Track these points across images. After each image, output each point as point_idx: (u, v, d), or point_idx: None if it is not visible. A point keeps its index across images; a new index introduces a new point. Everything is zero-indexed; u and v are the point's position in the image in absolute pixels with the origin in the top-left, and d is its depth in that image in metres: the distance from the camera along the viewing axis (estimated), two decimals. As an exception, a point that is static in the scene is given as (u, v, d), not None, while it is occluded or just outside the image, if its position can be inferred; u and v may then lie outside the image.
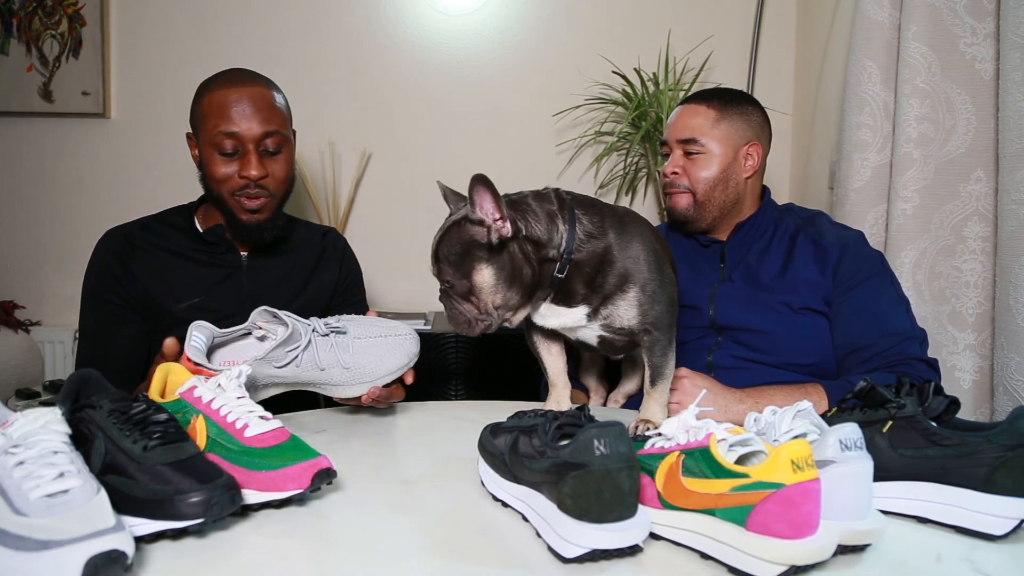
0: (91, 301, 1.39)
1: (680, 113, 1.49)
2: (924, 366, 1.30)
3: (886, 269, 1.42)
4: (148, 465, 0.72)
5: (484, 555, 0.72)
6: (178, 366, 0.94)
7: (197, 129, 1.38)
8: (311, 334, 1.09)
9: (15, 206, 2.45)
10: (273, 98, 1.38)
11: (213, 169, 1.35)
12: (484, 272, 1.05)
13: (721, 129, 1.44)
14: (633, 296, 1.10)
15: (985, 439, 0.78)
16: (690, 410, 0.76)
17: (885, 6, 1.74)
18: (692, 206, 1.46)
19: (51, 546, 0.59)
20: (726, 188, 1.45)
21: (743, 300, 1.41)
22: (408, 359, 1.15)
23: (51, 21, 2.38)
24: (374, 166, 2.47)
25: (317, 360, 1.08)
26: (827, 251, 1.41)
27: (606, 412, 1.34)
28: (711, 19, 2.43)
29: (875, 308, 1.35)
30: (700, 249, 1.51)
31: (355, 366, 1.10)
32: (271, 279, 1.45)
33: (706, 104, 1.46)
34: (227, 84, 1.35)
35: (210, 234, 1.42)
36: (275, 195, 1.39)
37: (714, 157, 1.44)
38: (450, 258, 1.06)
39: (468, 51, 2.46)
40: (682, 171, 1.46)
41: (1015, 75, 1.43)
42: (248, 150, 1.33)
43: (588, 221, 1.10)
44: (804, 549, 0.64)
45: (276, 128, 1.35)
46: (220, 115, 1.32)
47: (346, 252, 1.60)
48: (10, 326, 2.32)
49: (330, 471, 0.82)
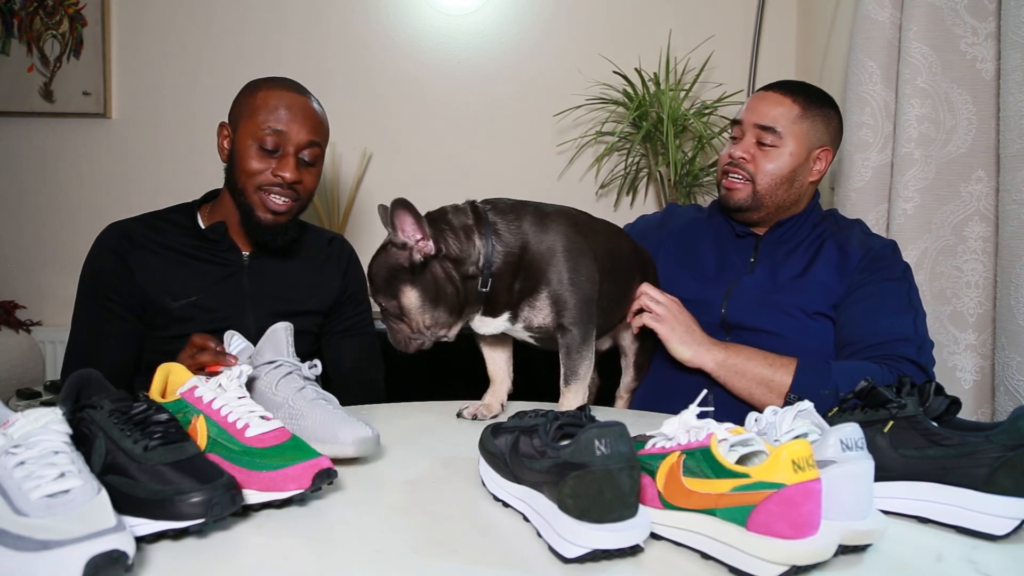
0: (86, 295, 1.38)
1: (762, 98, 1.42)
2: (913, 367, 1.26)
3: (907, 279, 1.38)
4: (149, 465, 0.72)
5: (484, 555, 0.72)
6: (178, 366, 0.94)
7: (240, 119, 1.38)
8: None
9: (15, 206, 2.45)
10: (322, 115, 1.43)
11: (247, 162, 1.36)
12: (410, 295, 1.11)
13: (802, 126, 1.39)
14: (544, 297, 1.14)
15: (986, 439, 0.78)
16: (691, 410, 0.76)
17: (886, 6, 1.74)
18: (750, 197, 1.41)
19: (52, 546, 0.59)
20: (789, 188, 1.41)
21: (757, 299, 1.38)
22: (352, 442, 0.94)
23: (52, 21, 2.38)
24: (374, 166, 2.47)
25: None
26: (849, 257, 1.38)
27: (607, 412, 1.34)
28: (712, 19, 2.43)
29: (878, 308, 1.33)
30: (735, 239, 1.48)
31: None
32: (272, 281, 1.44)
33: (792, 97, 1.40)
34: (285, 88, 1.40)
35: (212, 231, 1.41)
36: (301, 201, 1.41)
37: (787, 153, 1.39)
38: (378, 282, 1.12)
39: (468, 51, 2.46)
40: (751, 158, 1.40)
41: (1016, 75, 1.43)
42: (288, 152, 1.36)
43: (505, 229, 1.14)
44: (805, 549, 0.64)
45: (319, 141, 1.40)
46: (273, 112, 1.35)
47: (351, 262, 1.58)
48: (11, 326, 2.32)
49: (331, 471, 0.81)
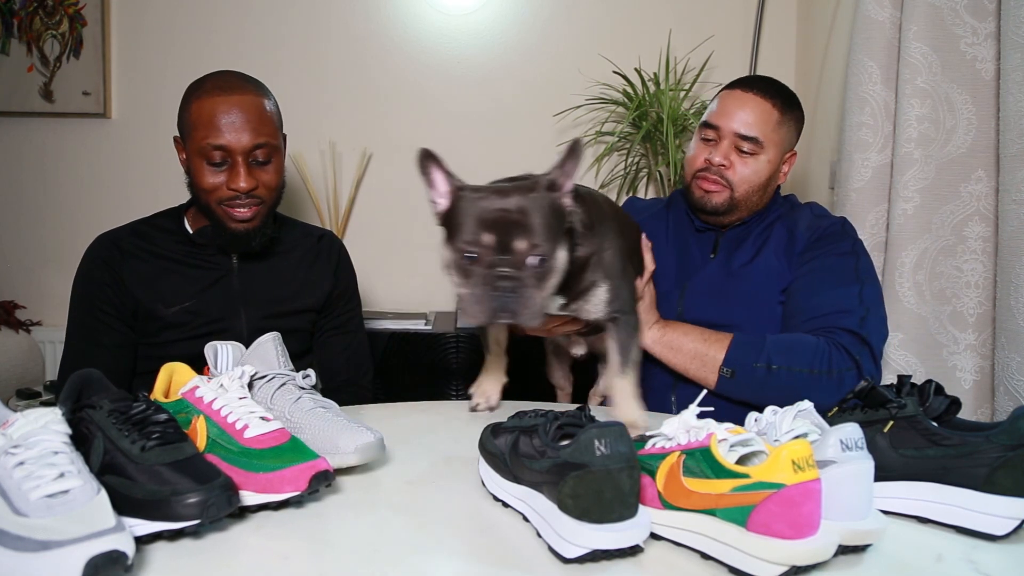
0: (79, 307, 1.39)
1: (743, 102, 1.35)
2: (851, 337, 1.23)
3: (855, 252, 1.35)
4: (146, 465, 0.72)
5: (484, 555, 0.72)
6: (182, 366, 0.94)
7: (185, 136, 1.35)
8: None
9: (15, 206, 2.45)
10: (263, 106, 1.34)
11: (201, 179, 1.32)
12: (561, 251, 0.95)
13: (780, 133, 1.36)
14: (604, 288, 1.12)
15: (986, 439, 0.78)
16: (691, 410, 0.76)
17: (886, 6, 1.74)
18: (727, 202, 1.37)
19: (51, 546, 0.59)
20: (763, 194, 1.39)
21: (712, 289, 1.38)
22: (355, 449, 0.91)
23: (52, 21, 2.38)
24: (375, 166, 2.47)
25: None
26: (797, 240, 1.37)
27: (604, 411, 1.34)
28: (712, 19, 2.43)
29: (820, 282, 1.30)
30: (695, 233, 1.46)
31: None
32: (262, 281, 1.44)
33: (771, 102, 1.36)
34: (216, 92, 1.31)
35: (200, 235, 1.41)
36: (266, 202, 1.36)
37: (766, 160, 1.35)
38: (534, 223, 0.91)
39: (468, 51, 2.46)
40: (729, 164, 1.35)
41: (1016, 75, 1.43)
42: (237, 162, 1.30)
43: (583, 212, 1.08)
44: (805, 549, 0.64)
45: (266, 139, 1.32)
46: (209, 126, 1.28)
47: (342, 259, 1.57)
48: (10, 326, 2.32)
49: (328, 473, 0.81)
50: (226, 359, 1.00)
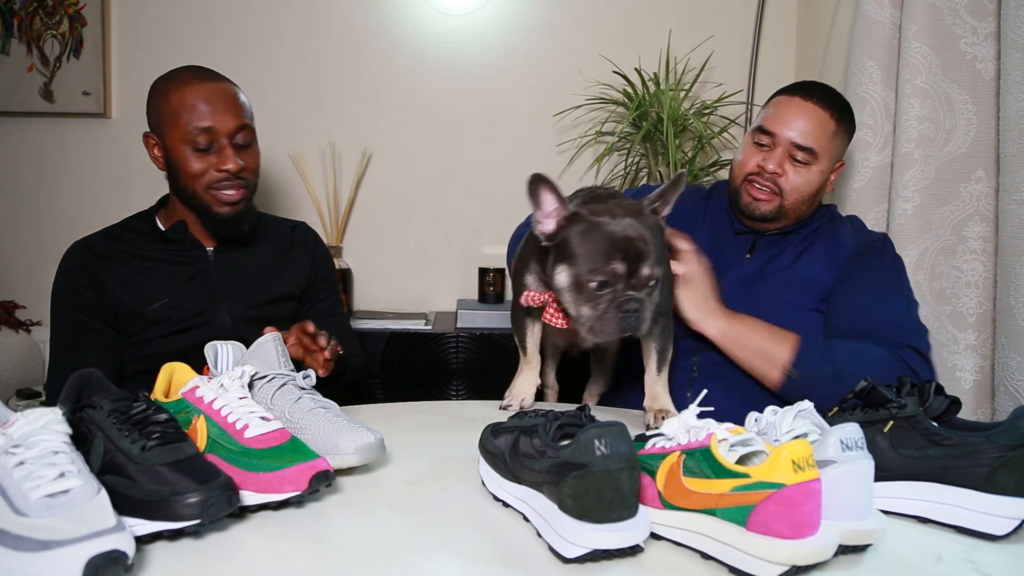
0: (61, 314, 1.39)
1: (801, 110, 1.33)
2: (912, 353, 1.23)
3: (896, 268, 1.35)
4: (146, 465, 0.72)
5: (484, 555, 0.72)
6: (182, 365, 0.94)
7: (163, 127, 1.37)
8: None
9: (15, 206, 2.45)
10: (238, 92, 1.40)
11: (187, 166, 1.35)
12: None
13: (834, 144, 1.34)
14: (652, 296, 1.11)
15: (986, 439, 0.78)
16: (691, 410, 0.76)
17: (886, 6, 1.74)
18: (776, 210, 1.35)
19: (52, 546, 0.59)
20: (812, 203, 1.37)
21: (747, 291, 1.36)
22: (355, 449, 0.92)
23: (52, 21, 2.38)
24: (375, 166, 2.47)
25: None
26: (839, 251, 1.36)
27: (608, 412, 1.34)
28: (712, 19, 2.43)
29: (870, 296, 1.29)
30: (733, 235, 1.45)
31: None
32: (239, 272, 1.45)
33: (829, 112, 1.33)
34: (196, 80, 1.36)
35: (173, 232, 1.42)
36: (250, 185, 1.41)
37: (818, 171, 1.33)
38: (655, 246, 1.02)
39: (468, 51, 2.46)
40: (783, 172, 1.33)
41: (1016, 75, 1.43)
42: (223, 144, 1.35)
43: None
44: (805, 549, 0.64)
45: (246, 122, 1.38)
46: (193, 110, 1.33)
47: (318, 245, 1.61)
48: (11, 326, 2.32)
49: (328, 473, 0.81)
50: (226, 359, 1.00)
